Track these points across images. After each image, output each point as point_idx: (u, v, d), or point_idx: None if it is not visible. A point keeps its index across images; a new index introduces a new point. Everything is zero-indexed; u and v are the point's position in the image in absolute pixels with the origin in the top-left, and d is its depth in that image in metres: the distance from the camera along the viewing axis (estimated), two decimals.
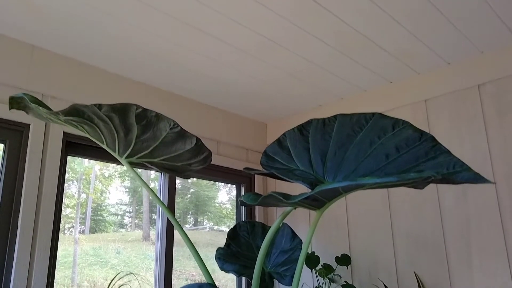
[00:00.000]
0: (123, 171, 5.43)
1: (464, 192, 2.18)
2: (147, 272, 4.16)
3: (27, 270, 1.79)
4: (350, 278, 2.43)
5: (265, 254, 0.92)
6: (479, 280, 2.07)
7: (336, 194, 0.67)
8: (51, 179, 1.97)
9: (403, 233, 2.34)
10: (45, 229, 1.89)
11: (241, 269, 1.06)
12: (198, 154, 0.92)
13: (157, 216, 2.70)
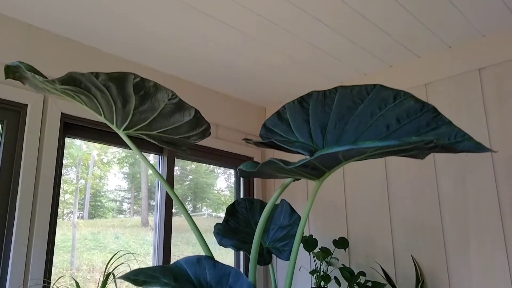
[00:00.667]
0: (121, 157, 5.43)
1: (463, 177, 2.18)
2: (146, 257, 4.18)
3: (25, 251, 1.79)
4: (348, 261, 2.44)
5: (263, 227, 0.92)
6: (476, 264, 2.08)
7: (336, 161, 0.67)
8: (49, 160, 1.96)
9: (401, 217, 2.34)
10: (44, 209, 1.89)
11: (239, 244, 1.06)
12: (196, 126, 0.91)
13: (155, 202, 2.70)
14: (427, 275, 2.20)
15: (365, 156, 0.67)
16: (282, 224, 1.10)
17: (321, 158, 0.62)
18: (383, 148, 0.60)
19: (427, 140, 0.55)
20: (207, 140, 2.61)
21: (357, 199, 2.52)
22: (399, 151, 0.63)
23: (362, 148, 0.57)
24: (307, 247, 2.31)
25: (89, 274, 3.19)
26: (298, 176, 0.77)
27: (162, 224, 2.40)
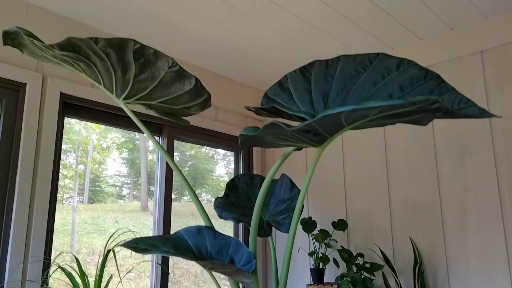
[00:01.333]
0: (121, 142, 5.42)
1: (462, 159, 2.18)
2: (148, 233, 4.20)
3: (25, 229, 1.79)
4: (346, 243, 2.46)
5: (263, 198, 0.91)
6: (474, 245, 2.09)
7: (338, 125, 0.66)
8: (48, 139, 1.95)
9: (399, 199, 2.35)
10: (43, 188, 1.89)
11: (240, 216, 1.06)
12: (197, 96, 0.90)
13: (155, 187, 2.70)
14: (425, 256, 2.22)
15: (368, 121, 0.66)
16: (282, 198, 1.10)
17: (323, 120, 0.61)
18: (386, 110, 0.59)
19: (432, 99, 0.54)
20: (207, 122, 2.60)
21: (357, 181, 2.52)
22: (402, 114, 0.63)
23: (366, 109, 0.57)
24: (306, 229, 2.31)
25: (89, 257, 3.20)
26: (299, 144, 0.76)
27: (161, 209, 2.40)
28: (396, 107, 0.57)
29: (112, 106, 2.21)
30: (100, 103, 2.18)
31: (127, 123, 2.34)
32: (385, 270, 2.22)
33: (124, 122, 2.33)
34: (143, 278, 3.18)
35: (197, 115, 2.57)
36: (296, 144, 0.78)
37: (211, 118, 2.63)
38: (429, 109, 0.60)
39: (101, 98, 2.16)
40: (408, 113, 0.62)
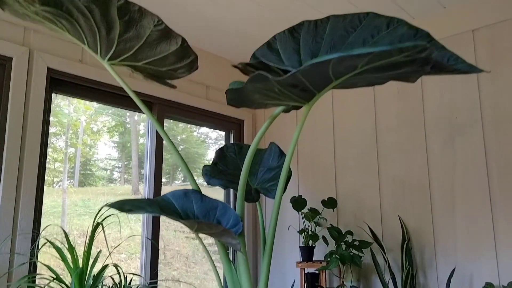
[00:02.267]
0: (111, 126, 5.37)
1: (452, 139, 2.19)
2: (136, 222, 4.18)
3: (13, 205, 1.77)
4: (336, 221, 2.47)
5: (250, 160, 0.91)
6: (461, 223, 2.11)
7: (326, 79, 0.65)
8: (35, 115, 1.92)
9: (389, 178, 2.36)
10: (31, 164, 1.86)
11: (228, 183, 1.06)
12: (183, 57, 0.88)
13: (145, 170, 2.67)
14: (413, 234, 2.24)
15: (356, 74, 0.65)
16: (270, 166, 1.09)
17: (310, 71, 0.60)
18: (375, 60, 0.58)
19: (420, 46, 0.54)
20: (197, 101, 2.58)
21: (347, 160, 2.53)
22: (391, 66, 0.62)
23: (353, 57, 0.56)
24: (296, 207, 2.32)
25: (80, 239, 3.19)
26: (287, 101, 0.75)
27: (152, 192, 2.38)
28: (384, 55, 0.56)
29: (102, 82, 2.18)
30: (89, 80, 2.14)
31: (116, 100, 2.31)
32: (374, 247, 2.24)
33: (114, 99, 2.30)
34: (134, 259, 3.18)
35: (187, 93, 2.54)
36: (283, 103, 0.77)
37: (201, 96, 2.60)
38: (418, 60, 0.59)
39: (90, 74, 2.13)
40: (396, 64, 0.61)
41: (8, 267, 1.70)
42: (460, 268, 2.07)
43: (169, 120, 5.44)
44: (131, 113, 5.23)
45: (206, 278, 4.09)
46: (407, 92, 2.37)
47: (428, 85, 2.30)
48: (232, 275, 0.89)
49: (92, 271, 1.64)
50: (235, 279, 0.89)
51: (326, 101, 2.67)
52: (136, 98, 0.98)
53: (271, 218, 0.90)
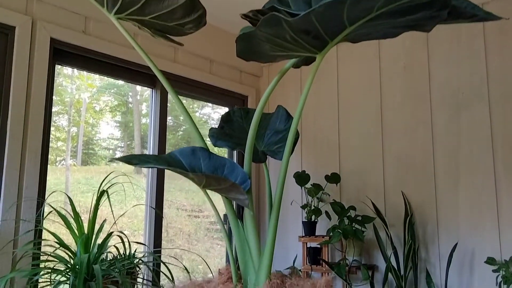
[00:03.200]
0: (114, 105, 5.34)
1: (458, 114, 2.17)
2: (139, 200, 4.20)
3: (18, 174, 1.77)
4: (339, 197, 2.48)
5: (258, 119, 0.90)
6: (464, 199, 2.12)
7: (340, 24, 0.64)
8: (39, 85, 1.90)
9: (393, 154, 2.36)
10: (35, 133, 1.85)
11: (234, 145, 1.05)
12: (191, 11, 0.87)
13: (148, 150, 2.66)
14: (416, 210, 2.25)
15: (371, 20, 0.63)
16: (277, 129, 1.09)
17: (324, 13, 0.59)
18: (391, 1, 0.56)
19: None
20: (201, 75, 2.56)
21: (351, 136, 2.52)
22: (407, 11, 0.60)
23: None
24: (300, 182, 2.32)
25: (83, 216, 3.20)
26: (299, 51, 0.74)
27: (155, 171, 2.38)
28: None
29: (105, 54, 2.16)
30: (92, 51, 2.12)
31: (120, 73, 2.29)
32: (376, 222, 2.25)
33: (117, 72, 2.28)
34: (137, 236, 3.20)
35: (191, 67, 2.52)
36: (294, 54, 0.76)
37: (205, 71, 2.58)
38: (436, 2, 0.57)
39: (93, 45, 2.11)
40: (414, 8, 0.60)
41: (13, 234, 1.71)
42: (462, 243, 2.08)
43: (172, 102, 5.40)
44: (134, 92, 5.20)
45: (208, 255, 4.12)
46: (413, 67, 2.35)
47: (435, 61, 2.28)
48: (239, 232, 0.90)
49: (97, 238, 1.65)
50: (242, 236, 0.90)
51: (331, 77, 2.65)
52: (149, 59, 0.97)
53: (278, 176, 0.90)
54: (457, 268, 2.08)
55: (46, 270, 1.56)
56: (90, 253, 1.59)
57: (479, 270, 2.03)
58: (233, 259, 0.89)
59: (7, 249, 1.68)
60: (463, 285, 2.07)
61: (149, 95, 3.09)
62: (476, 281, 2.04)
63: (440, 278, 2.12)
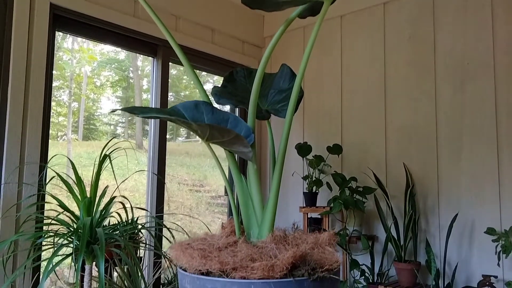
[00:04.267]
0: (114, 81, 5.31)
1: (463, 85, 2.15)
2: (141, 175, 4.21)
3: (19, 141, 1.77)
4: (340, 169, 2.48)
5: (262, 73, 0.89)
6: (466, 170, 2.11)
7: None
8: (39, 52, 1.88)
9: (396, 126, 2.35)
10: (36, 100, 1.84)
11: (238, 103, 1.04)
12: None
13: (149, 125, 2.64)
14: (417, 181, 2.25)
15: None
16: (281, 88, 1.07)
17: None
18: None
19: None
20: (202, 44, 2.52)
21: (353, 108, 2.51)
22: None
23: None
24: (301, 153, 2.32)
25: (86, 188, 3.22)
26: None
27: (156, 145, 2.36)
28: None
29: (106, 21, 2.12)
30: (93, 18, 2.08)
31: (122, 41, 2.26)
32: (377, 193, 2.25)
33: (119, 40, 2.24)
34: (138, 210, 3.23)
35: (192, 36, 2.48)
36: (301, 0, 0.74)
37: (207, 40, 2.55)
38: None
39: (93, 12, 2.07)
40: None
41: (16, 199, 1.72)
42: (462, 214, 2.09)
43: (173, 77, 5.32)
44: (134, 67, 5.16)
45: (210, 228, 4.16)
46: (418, 37, 2.31)
47: (441, 31, 2.24)
48: (242, 186, 0.90)
49: (100, 203, 1.66)
50: (245, 191, 0.90)
51: (335, 49, 2.61)
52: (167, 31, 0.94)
53: (282, 133, 0.89)
54: (457, 238, 2.10)
55: (50, 233, 1.57)
56: (93, 217, 1.61)
57: (479, 240, 2.04)
58: (237, 213, 0.90)
59: (10, 213, 1.69)
60: (462, 255, 2.09)
61: (150, 70, 3.06)
62: (475, 251, 2.06)
63: (440, 248, 2.14)
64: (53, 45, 2.02)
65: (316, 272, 0.77)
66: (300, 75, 0.89)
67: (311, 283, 0.77)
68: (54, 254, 1.47)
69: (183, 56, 0.94)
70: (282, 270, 0.75)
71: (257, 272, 0.75)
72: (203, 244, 0.84)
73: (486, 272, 1.97)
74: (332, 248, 0.85)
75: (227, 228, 0.89)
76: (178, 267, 0.86)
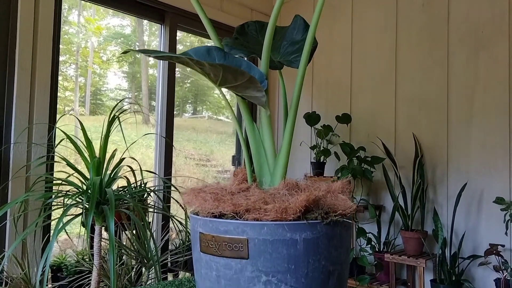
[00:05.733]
0: (121, 55, 5.27)
1: (476, 54, 2.11)
2: (148, 149, 4.23)
3: (28, 103, 1.77)
4: (348, 139, 2.46)
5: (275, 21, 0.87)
6: (476, 140, 2.09)
7: None
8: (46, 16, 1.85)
9: (406, 96, 2.32)
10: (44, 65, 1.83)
11: (250, 53, 1.02)
12: None
13: (156, 100, 2.62)
14: (426, 151, 2.23)
15: None
16: (294, 39, 1.05)
17: None
18: None
19: None
20: (211, 11, 2.48)
21: (363, 77, 2.47)
22: None
23: None
24: (310, 122, 2.30)
25: None
26: None
27: (164, 121, 2.35)
28: None
29: None
30: None
31: (129, 7, 2.22)
32: (386, 164, 2.24)
33: (126, 5, 2.21)
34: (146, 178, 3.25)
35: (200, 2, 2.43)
36: None
37: (215, 7, 2.50)
38: None
39: None
40: None
41: (26, 160, 1.73)
42: (471, 183, 2.07)
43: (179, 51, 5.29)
44: (141, 42, 5.11)
45: None
46: (432, 4, 2.26)
47: None
48: (254, 133, 0.89)
49: (109, 164, 1.66)
50: (257, 138, 0.89)
51: (345, 17, 2.56)
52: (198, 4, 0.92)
53: (296, 80, 0.88)
54: (465, 208, 2.09)
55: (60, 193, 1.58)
56: (103, 177, 1.61)
57: (487, 209, 2.04)
58: (249, 160, 0.89)
59: (20, 174, 1.70)
60: (469, 224, 2.08)
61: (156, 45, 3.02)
62: (483, 220, 2.05)
63: (447, 218, 2.14)
64: (60, 9, 1.99)
65: (330, 216, 0.77)
66: (314, 24, 0.86)
67: (324, 226, 0.77)
68: (64, 213, 1.48)
69: (197, 3, 0.92)
70: (295, 213, 0.74)
71: (270, 214, 0.74)
72: (216, 189, 0.84)
73: (493, 241, 1.97)
74: (345, 196, 0.84)
75: (239, 175, 0.88)
76: (190, 214, 0.86)
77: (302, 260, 0.75)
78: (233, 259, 0.76)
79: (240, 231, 0.76)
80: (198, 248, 0.81)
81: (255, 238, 0.75)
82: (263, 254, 0.74)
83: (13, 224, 1.57)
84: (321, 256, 0.76)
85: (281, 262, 0.74)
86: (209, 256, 0.78)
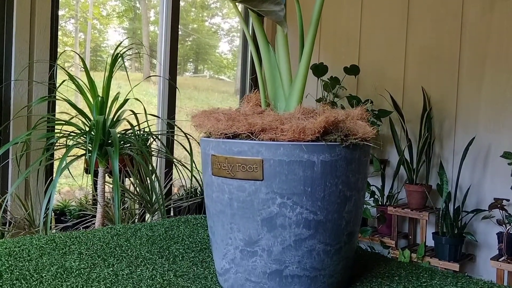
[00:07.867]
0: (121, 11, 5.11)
1: (492, 5, 2.02)
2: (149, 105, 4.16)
3: (28, 40, 1.70)
4: (355, 91, 2.41)
5: None
6: (486, 94, 2.04)
7: None
8: None
9: (417, 48, 2.25)
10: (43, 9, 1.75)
11: None
12: None
13: (158, 56, 2.53)
14: (435, 105, 2.19)
15: None
16: None
17: None
18: None
19: None
20: None
21: (373, 29, 2.39)
22: None
23: None
24: (317, 73, 2.24)
25: None
26: None
27: (168, 48, 2.28)
28: None
29: None
30: None
31: None
32: (393, 117, 2.20)
33: None
34: None
35: None
36: None
37: None
38: None
39: None
40: None
41: (27, 100, 1.69)
42: (479, 138, 2.05)
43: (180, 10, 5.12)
44: None
45: None
46: None
47: None
48: (269, 56, 0.84)
49: (112, 105, 1.62)
50: (272, 61, 0.84)
51: None
52: None
53: None
54: (471, 162, 2.07)
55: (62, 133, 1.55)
56: (106, 117, 1.57)
57: (493, 165, 2.02)
58: (263, 84, 0.85)
59: (22, 113, 1.66)
60: (475, 179, 2.07)
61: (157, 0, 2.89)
62: (488, 176, 2.04)
63: (452, 172, 2.12)
64: None
65: (349, 138, 0.74)
66: None
67: (343, 149, 0.74)
68: (66, 153, 1.45)
69: None
70: (313, 134, 0.71)
71: (287, 134, 0.71)
72: (229, 111, 0.80)
73: (498, 196, 1.97)
74: (364, 122, 0.81)
75: (252, 100, 0.84)
76: (201, 138, 0.83)
77: (318, 183, 0.72)
78: (247, 180, 0.73)
79: (255, 151, 0.72)
80: (210, 171, 0.78)
81: (271, 159, 0.72)
82: (278, 176, 0.71)
83: (15, 163, 1.55)
84: (338, 180, 0.74)
85: (297, 184, 0.72)
86: (221, 179, 0.76)
